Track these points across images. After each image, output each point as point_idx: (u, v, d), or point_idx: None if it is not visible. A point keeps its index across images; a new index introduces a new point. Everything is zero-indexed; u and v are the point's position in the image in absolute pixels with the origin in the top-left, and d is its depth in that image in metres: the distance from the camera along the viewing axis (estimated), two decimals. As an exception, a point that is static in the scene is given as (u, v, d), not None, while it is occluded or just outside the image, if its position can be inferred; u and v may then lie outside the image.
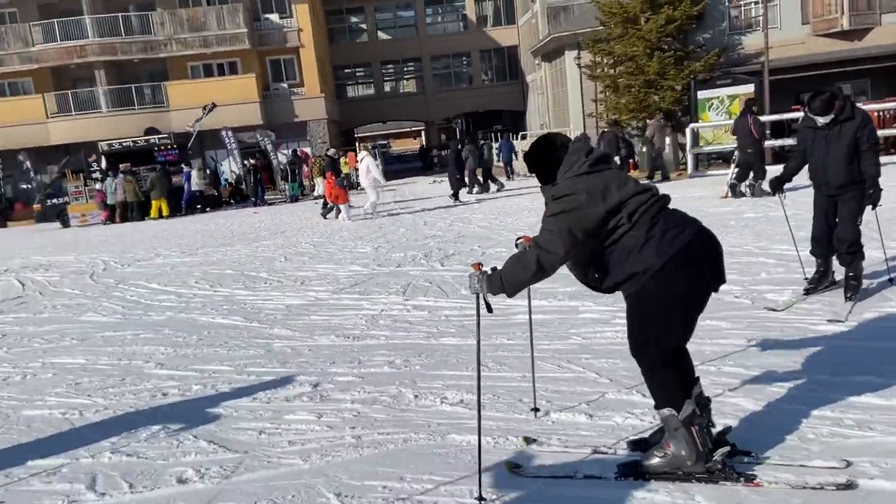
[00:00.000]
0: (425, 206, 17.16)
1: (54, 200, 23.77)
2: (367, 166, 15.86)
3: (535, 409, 3.88)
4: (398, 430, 3.81)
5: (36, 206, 24.86)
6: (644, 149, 19.51)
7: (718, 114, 18.44)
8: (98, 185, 22.78)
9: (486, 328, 5.62)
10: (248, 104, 29.98)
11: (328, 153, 20.26)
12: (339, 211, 15.89)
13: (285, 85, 32.65)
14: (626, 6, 20.94)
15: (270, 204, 24.10)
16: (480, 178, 19.14)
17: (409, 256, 9.66)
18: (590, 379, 4.33)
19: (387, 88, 41.65)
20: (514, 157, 24.99)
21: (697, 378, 3.06)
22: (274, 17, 32.07)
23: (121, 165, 22.50)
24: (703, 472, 2.93)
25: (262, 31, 31.92)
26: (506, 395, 4.18)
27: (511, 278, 2.98)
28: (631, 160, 22.07)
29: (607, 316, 5.69)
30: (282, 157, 27.32)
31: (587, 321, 5.64)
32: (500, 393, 4.22)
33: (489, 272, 3.05)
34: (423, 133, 43.56)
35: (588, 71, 23.46)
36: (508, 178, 23.66)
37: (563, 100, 29.60)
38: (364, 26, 40.13)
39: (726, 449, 2.97)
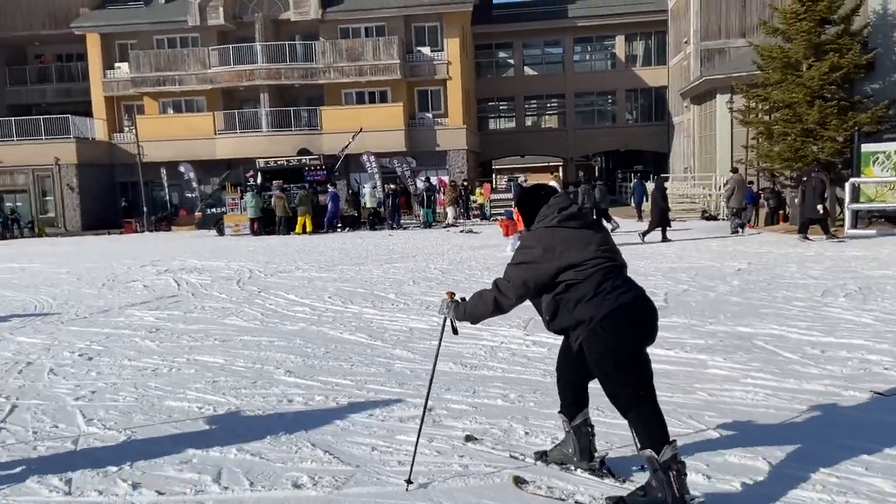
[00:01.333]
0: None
1: (213, 210, 25.85)
2: None
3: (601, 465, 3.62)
4: (506, 465, 3.79)
5: (197, 214, 27.16)
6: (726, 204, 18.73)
7: (884, 169, 17.02)
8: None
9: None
10: (393, 131, 31.31)
11: (462, 182, 20.66)
12: None
13: (430, 115, 33.80)
14: (788, 51, 19.90)
15: (405, 228, 24.88)
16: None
17: (534, 291, 9.63)
18: (711, 438, 4.11)
19: (528, 123, 41.98)
20: (644, 199, 24.31)
21: (587, 407, 3.51)
22: (426, 49, 33.40)
23: (273, 182, 24.12)
24: None
25: (414, 62, 33.31)
26: (608, 437, 4.06)
27: (473, 310, 3.49)
28: (781, 211, 20.84)
29: (737, 374, 5.39)
30: (420, 183, 28.18)
31: (715, 377, 5.37)
32: (613, 441, 4.10)
33: (458, 301, 3.57)
34: (560, 169, 43.32)
35: (740, 116, 22.48)
36: (640, 219, 23.00)
37: (710, 144, 28.53)
38: (511, 61, 40.81)
39: (700, 500, 3.11)
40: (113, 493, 3.60)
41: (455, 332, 3.68)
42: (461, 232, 21.87)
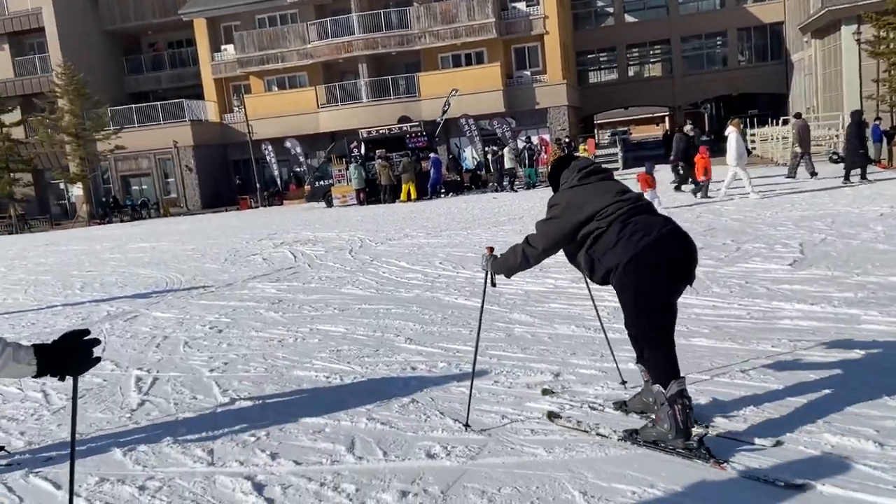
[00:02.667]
0: (667, 196, 16.26)
1: (321, 182, 26.52)
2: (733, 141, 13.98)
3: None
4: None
5: (306, 188, 27.96)
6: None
7: None
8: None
9: (749, 332, 5.12)
10: (491, 92, 30.83)
11: (565, 139, 20.05)
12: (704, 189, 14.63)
13: (528, 72, 33.02)
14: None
15: (516, 190, 24.57)
16: (681, 169, 17.29)
17: (653, 248, 9.18)
18: (880, 402, 3.70)
19: (630, 73, 40.29)
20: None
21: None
22: (521, 5, 32.51)
23: (377, 151, 24.39)
24: (682, 448, 3.25)
25: (509, 20, 32.53)
26: (772, 410, 3.73)
27: (504, 262, 3.75)
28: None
29: (898, 329, 4.86)
30: (520, 143, 27.69)
31: (871, 333, 4.86)
32: (768, 410, 3.77)
33: (497, 256, 3.81)
34: (666, 119, 41.39)
35: (869, 47, 20.50)
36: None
37: (835, 81, 26.34)
38: (610, 9, 39.11)
39: (704, 431, 3.33)
40: (253, 462, 3.67)
41: (493, 284, 3.97)
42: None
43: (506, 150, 25.10)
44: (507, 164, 24.73)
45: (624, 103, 41.79)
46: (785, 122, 25.25)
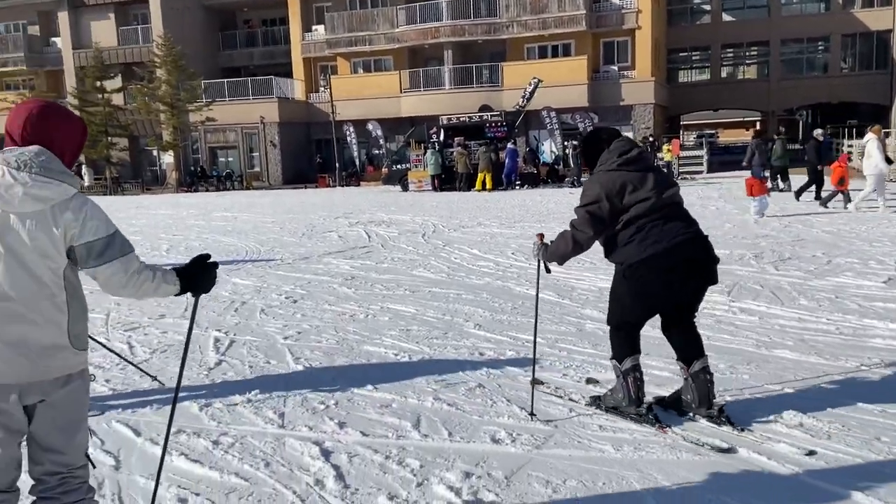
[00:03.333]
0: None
1: (398, 166, 26.77)
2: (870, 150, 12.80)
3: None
4: (725, 443, 3.45)
5: (383, 171, 28.28)
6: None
7: None
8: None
9: (837, 348, 4.88)
10: (575, 86, 30.36)
11: (649, 138, 19.54)
12: (847, 199, 13.46)
13: (615, 67, 32.35)
14: None
15: (586, 186, 24.19)
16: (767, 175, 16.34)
17: (735, 255, 8.86)
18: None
19: (723, 74, 38.88)
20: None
21: (704, 356, 3.71)
22: (614, -2, 31.82)
23: (455, 139, 24.42)
24: (634, 414, 3.68)
25: (600, 12, 31.90)
26: (859, 430, 3.54)
27: (556, 249, 3.87)
28: None
29: None
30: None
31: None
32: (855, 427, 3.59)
33: (548, 243, 3.94)
34: (757, 124, 39.80)
35: None
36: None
37: (947, 93, 24.73)
38: (707, 7, 37.79)
39: (651, 401, 3.74)
40: (321, 429, 3.74)
41: (548, 271, 4.16)
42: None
43: (575, 143, 24.71)
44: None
45: (714, 105, 40.40)
46: (860, 135, 23.89)
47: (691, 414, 3.72)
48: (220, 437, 3.65)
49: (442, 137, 25.35)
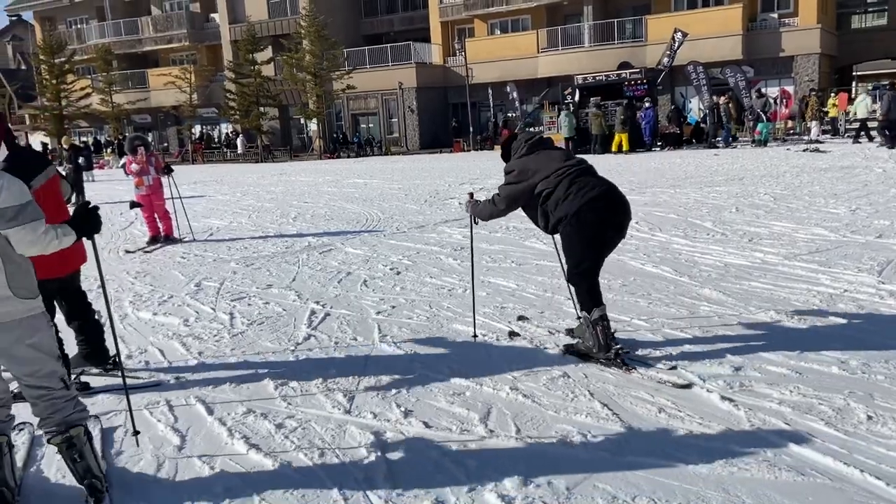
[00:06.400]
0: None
1: (531, 129, 26.15)
2: None
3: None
4: (839, 462, 2.90)
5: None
6: None
7: None
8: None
9: None
10: (727, 37, 28.00)
11: (812, 91, 17.51)
12: None
13: (775, 15, 29.44)
14: None
15: (734, 147, 22.38)
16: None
17: (897, 226, 7.72)
18: None
19: (905, 16, 34.19)
20: None
21: (603, 304, 4.15)
22: (773, -63, 28.81)
23: (591, 99, 23.40)
24: (603, 359, 4.08)
25: (758, -46, 29.03)
26: None
27: (480, 212, 4.56)
28: None
29: None
30: (755, 96, 24.93)
31: None
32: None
33: (478, 201, 4.62)
34: (948, 71, 34.81)
35: None
36: None
37: None
38: (887, -60, 33.28)
39: (619, 347, 4.09)
40: (385, 417, 3.58)
41: (476, 222, 4.93)
42: (804, 151, 18.90)
43: (722, 99, 22.71)
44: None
45: (893, 53, 35.80)
46: None
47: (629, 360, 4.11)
48: (284, 421, 3.60)
49: (577, 98, 24.39)
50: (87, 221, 2.88)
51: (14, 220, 2.60)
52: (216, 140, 41.65)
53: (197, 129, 41.38)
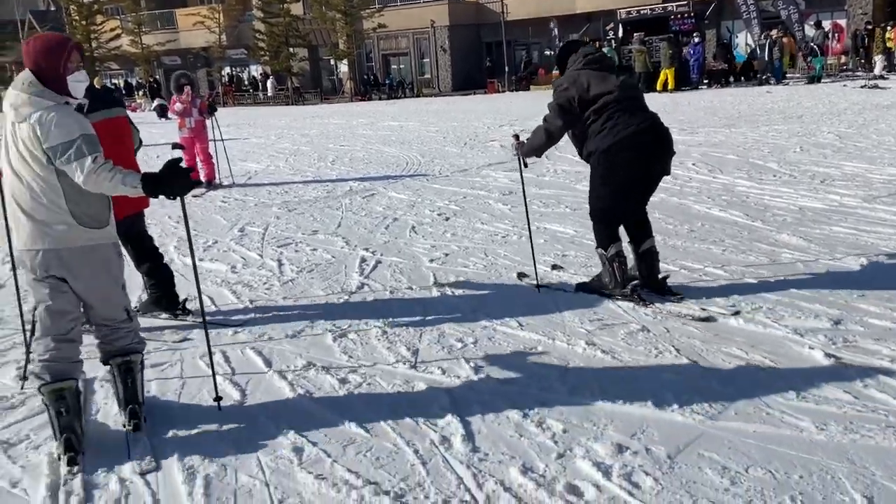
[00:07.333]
0: None
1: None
2: None
3: None
4: (971, 429, 2.58)
5: (554, 73, 26.83)
6: None
7: None
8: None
9: None
10: (779, -33, 26.38)
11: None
12: None
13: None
14: None
15: (785, 84, 21.34)
16: None
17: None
18: None
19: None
20: None
21: (651, 237, 4.20)
22: None
23: (634, 35, 22.41)
24: (618, 295, 4.11)
25: None
26: None
27: (532, 144, 4.30)
28: None
29: None
30: (808, 29, 23.65)
31: None
32: None
33: (524, 141, 4.38)
34: None
35: None
36: None
37: None
38: None
39: (636, 282, 4.13)
40: (455, 373, 3.33)
41: (525, 165, 4.70)
42: (861, 87, 17.91)
43: (775, 32, 21.59)
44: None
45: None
46: None
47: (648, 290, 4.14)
48: (348, 375, 3.37)
49: (619, 34, 23.38)
50: (164, 181, 2.68)
51: (63, 156, 2.62)
52: (245, 82, 41.21)
53: (226, 72, 40.94)
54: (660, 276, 4.19)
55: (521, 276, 4.73)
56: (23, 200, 2.72)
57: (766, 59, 21.68)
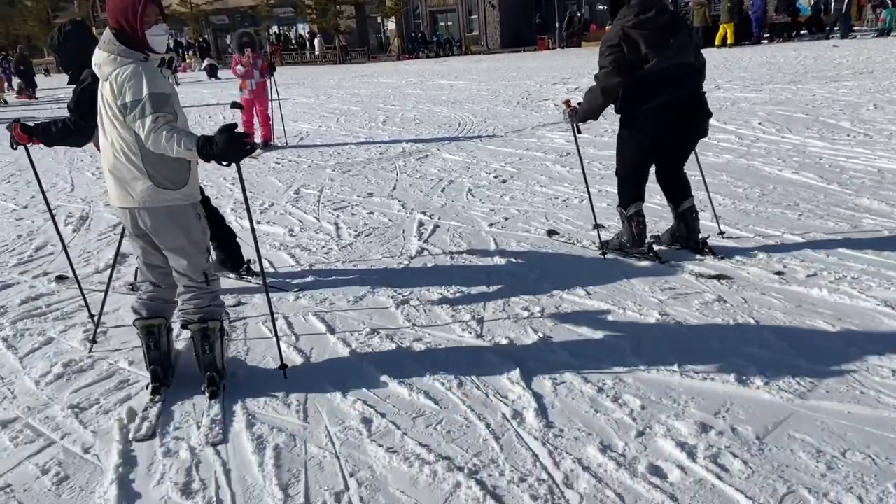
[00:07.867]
0: None
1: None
2: None
3: None
4: None
5: (607, 28, 26.00)
6: None
7: None
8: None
9: None
10: (850, -89, 24.82)
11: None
12: None
13: None
14: None
15: (852, 37, 20.24)
16: None
17: None
18: None
19: None
20: None
21: (691, 196, 4.20)
22: None
23: (692, -13, 21.46)
24: (637, 253, 4.18)
25: None
26: None
27: (587, 108, 4.09)
28: None
29: None
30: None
31: None
32: None
33: (576, 107, 4.21)
34: None
35: None
36: None
37: None
38: None
39: (651, 241, 4.23)
40: (523, 343, 3.24)
41: (580, 131, 4.47)
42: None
43: None
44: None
45: None
46: None
47: (679, 247, 4.26)
48: (413, 344, 3.30)
49: (676, -13, 22.43)
50: (226, 146, 2.58)
51: (130, 114, 2.63)
52: (293, 41, 41.14)
53: (274, 30, 40.90)
54: (699, 237, 4.18)
55: (550, 233, 4.77)
56: (108, 160, 2.78)
57: (843, 10, 20.48)
